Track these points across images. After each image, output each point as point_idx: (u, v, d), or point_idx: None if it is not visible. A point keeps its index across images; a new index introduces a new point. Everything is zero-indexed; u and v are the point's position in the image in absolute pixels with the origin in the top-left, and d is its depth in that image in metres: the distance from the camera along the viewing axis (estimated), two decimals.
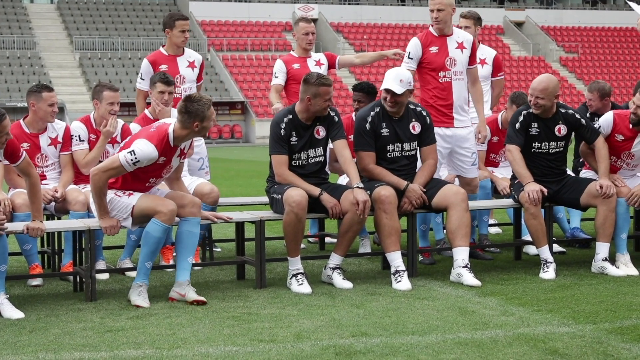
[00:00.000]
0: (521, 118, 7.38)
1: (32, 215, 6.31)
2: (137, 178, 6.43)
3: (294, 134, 6.91)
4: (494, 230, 9.87)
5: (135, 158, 6.20)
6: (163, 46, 8.56)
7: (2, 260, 6.04)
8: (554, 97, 7.29)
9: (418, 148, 7.31)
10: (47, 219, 7.45)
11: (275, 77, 8.76)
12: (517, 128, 7.38)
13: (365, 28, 58.44)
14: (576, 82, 56.22)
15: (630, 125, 7.50)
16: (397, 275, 6.81)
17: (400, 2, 61.22)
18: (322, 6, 58.74)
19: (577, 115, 7.43)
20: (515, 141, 7.39)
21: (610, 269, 7.23)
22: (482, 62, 8.70)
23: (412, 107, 7.27)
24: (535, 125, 7.38)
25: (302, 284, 6.72)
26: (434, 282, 6.99)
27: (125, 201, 6.40)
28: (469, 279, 6.83)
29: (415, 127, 7.25)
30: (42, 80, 44.73)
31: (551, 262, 7.23)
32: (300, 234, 6.80)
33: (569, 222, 8.88)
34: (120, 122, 7.61)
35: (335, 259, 6.99)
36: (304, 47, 8.80)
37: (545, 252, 7.28)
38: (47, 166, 7.44)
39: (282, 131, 6.88)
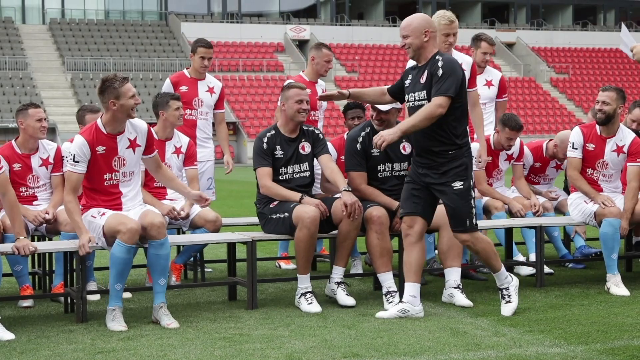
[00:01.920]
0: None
1: (15, 235, 6.28)
2: (93, 180, 6.46)
3: (278, 147, 7.01)
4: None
5: (72, 155, 6.37)
6: (187, 68, 8.85)
7: None
8: (422, 34, 6.30)
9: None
10: (38, 239, 7.44)
11: None
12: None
13: (356, 49, 58.63)
14: (567, 102, 56.43)
15: (598, 130, 7.63)
16: (388, 296, 6.81)
17: (391, 23, 61.46)
18: (314, 27, 58.95)
19: (443, 63, 6.28)
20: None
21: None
22: (489, 83, 8.81)
23: None
24: (410, 76, 6.51)
25: (311, 302, 6.73)
26: (426, 302, 6.97)
27: (97, 222, 6.42)
28: (461, 299, 6.83)
29: (406, 148, 7.28)
30: (33, 101, 44.64)
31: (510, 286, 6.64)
32: (312, 251, 6.86)
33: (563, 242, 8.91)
34: None
35: (338, 272, 7.00)
36: (321, 73, 8.81)
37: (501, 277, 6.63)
38: (38, 187, 7.43)
39: (265, 145, 7.00)
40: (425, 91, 6.30)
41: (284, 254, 9.26)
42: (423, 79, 6.32)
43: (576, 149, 7.70)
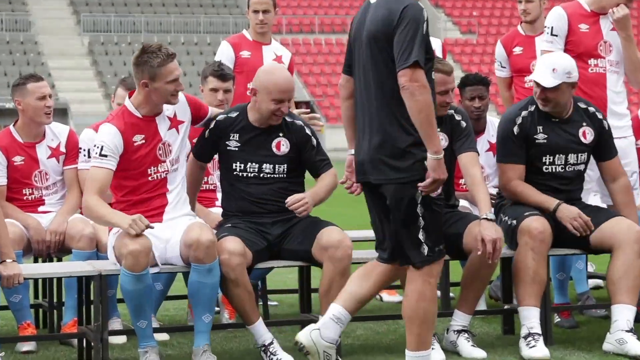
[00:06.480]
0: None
1: (2, 255, 6.36)
2: (131, 177, 6.59)
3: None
4: (592, 282, 9.46)
5: (99, 148, 6.46)
6: (247, 29, 9.09)
7: None
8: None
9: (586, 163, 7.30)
10: (43, 261, 7.49)
11: (502, 67, 8.98)
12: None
13: (474, 3, 58.55)
14: None
15: None
16: (529, 339, 6.74)
17: None
18: None
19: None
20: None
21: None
22: None
23: (583, 105, 7.24)
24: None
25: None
26: (577, 352, 6.89)
27: (109, 242, 6.58)
28: (636, 346, 6.67)
29: (587, 134, 7.21)
30: (38, 72, 45.50)
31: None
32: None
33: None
34: None
35: (460, 319, 6.99)
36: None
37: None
38: (47, 187, 7.48)
39: None
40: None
41: None
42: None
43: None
